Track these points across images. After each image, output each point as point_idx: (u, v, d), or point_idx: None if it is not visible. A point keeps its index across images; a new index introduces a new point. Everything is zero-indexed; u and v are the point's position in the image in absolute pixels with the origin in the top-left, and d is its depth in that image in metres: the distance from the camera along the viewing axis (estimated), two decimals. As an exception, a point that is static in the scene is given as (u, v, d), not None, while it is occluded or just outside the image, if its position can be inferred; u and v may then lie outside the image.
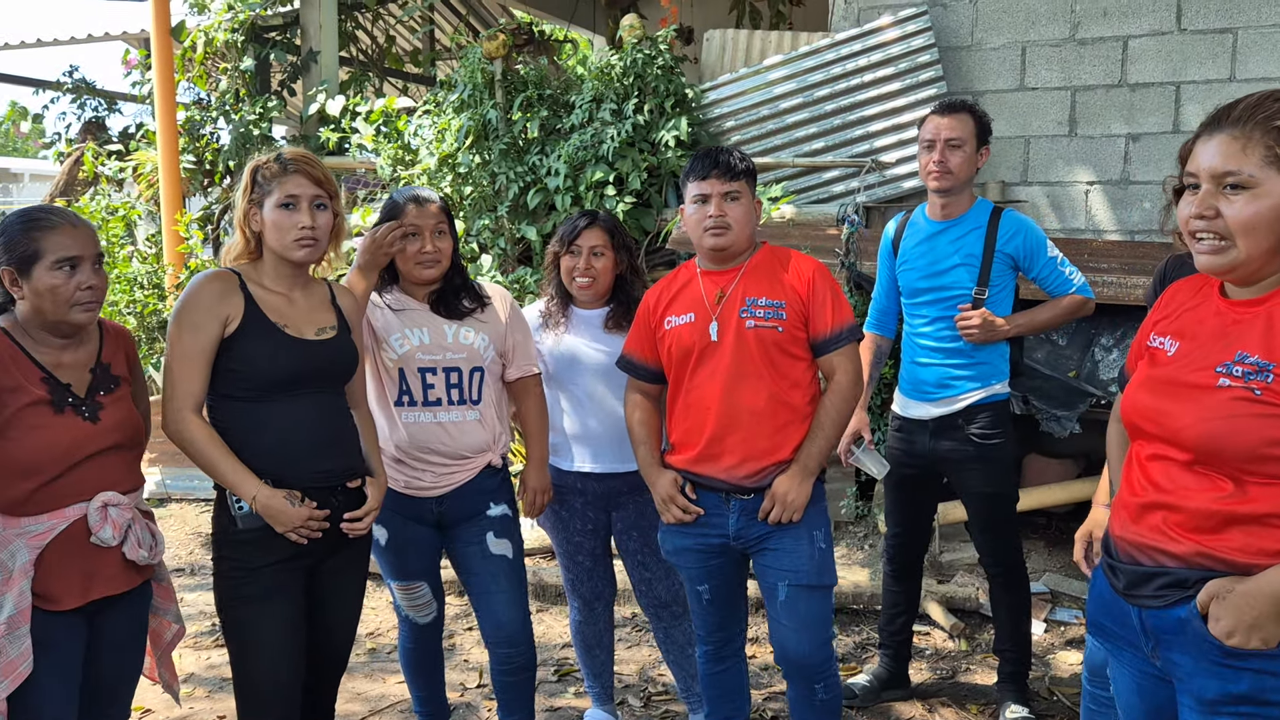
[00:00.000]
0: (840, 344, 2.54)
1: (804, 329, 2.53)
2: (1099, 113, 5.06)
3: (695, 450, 2.56)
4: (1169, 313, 1.74)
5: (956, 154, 3.03)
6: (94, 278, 2.08)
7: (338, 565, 2.41)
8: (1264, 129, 1.50)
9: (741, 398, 2.50)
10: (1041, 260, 3.09)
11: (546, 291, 3.02)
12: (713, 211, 2.52)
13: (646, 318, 2.69)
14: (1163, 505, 1.61)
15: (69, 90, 7.96)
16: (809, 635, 2.56)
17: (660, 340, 2.64)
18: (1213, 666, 1.55)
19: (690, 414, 2.57)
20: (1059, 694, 3.42)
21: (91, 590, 2.12)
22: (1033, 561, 4.55)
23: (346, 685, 3.55)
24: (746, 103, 5.65)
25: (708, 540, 2.60)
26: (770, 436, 2.50)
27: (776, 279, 2.55)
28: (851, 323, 2.57)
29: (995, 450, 3.09)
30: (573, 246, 2.90)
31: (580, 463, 2.94)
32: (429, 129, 5.98)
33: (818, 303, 2.53)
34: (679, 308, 2.61)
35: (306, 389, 2.29)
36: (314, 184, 2.29)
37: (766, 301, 2.52)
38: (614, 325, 2.92)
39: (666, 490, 2.59)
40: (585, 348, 2.91)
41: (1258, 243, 1.51)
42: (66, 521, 2.06)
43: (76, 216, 2.11)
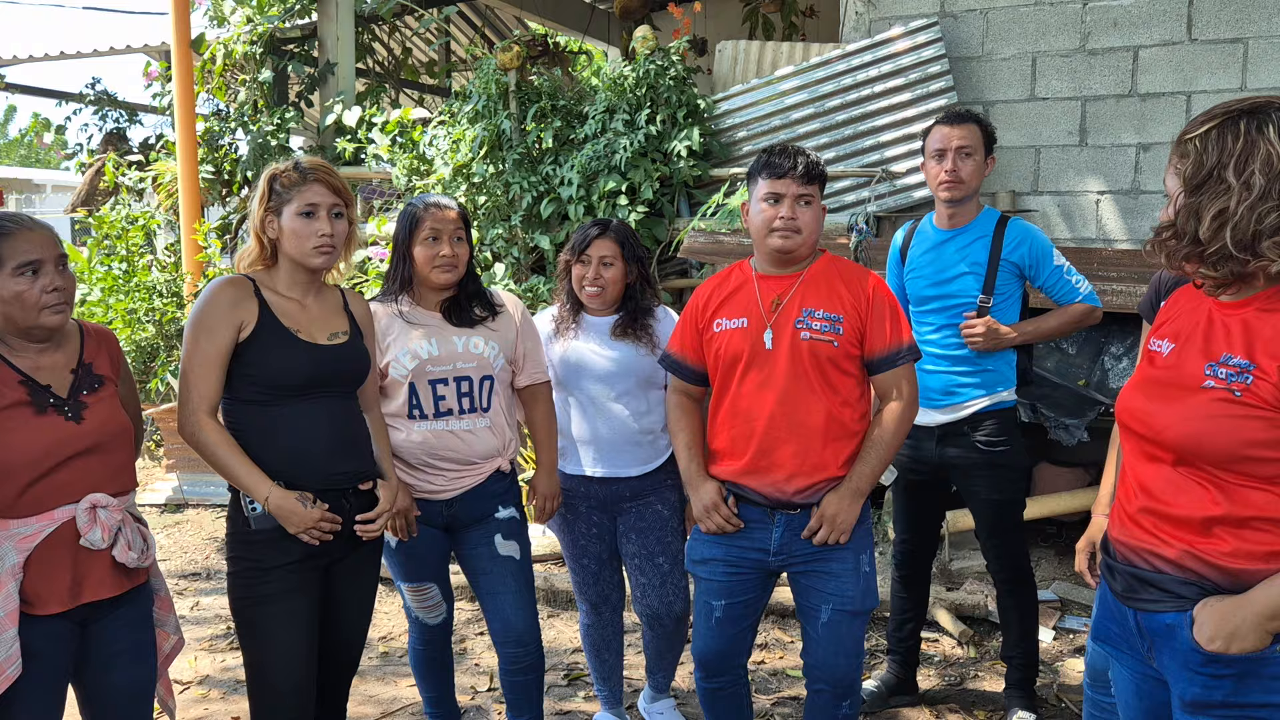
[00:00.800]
0: (898, 362, 2.47)
1: (859, 345, 2.46)
2: (1109, 122, 5.08)
3: (742, 461, 2.48)
4: (1171, 316, 1.77)
5: (968, 163, 3.06)
6: (59, 279, 2.06)
7: (350, 567, 2.45)
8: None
9: (792, 410, 2.43)
10: (1048, 268, 3.11)
11: (559, 298, 3.05)
12: (785, 213, 2.43)
13: (694, 317, 2.60)
14: (1152, 510, 1.64)
15: (91, 102, 8.09)
16: (846, 657, 2.53)
17: (708, 342, 2.56)
18: (1194, 674, 1.58)
19: (737, 423, 2.49)
20: (1067, 701, 3.43)
21: (81, 594, 2.09)
22: (1042, 569, 4.56)
23: (358, 688, 3.60)
24: (758, 113, 5.69)
25: (743, 554, 2.53)
26: (820, 452, 2.44)
27: (835, 291, 2.47)
28: (910, 342, 2.50)
29: (1002, 457, 3.11)
30: (583, 255, 2.93)
31: (585, 467, 2.97)
32: (444, 139, 6.05)
33: (876, 319, 2.46)
34: (731, 311, 2.53)
35: (319, 393, 2.33)
36: (333, 193, 2.34)
37: (824, 314, 2.44)
38: (621, 333, 2.94)
39: (711, 498, 2.52)
40: (592, 354, 2.94)
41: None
42: (55, 524, 2.05)
43: (32, 220, 2.10)
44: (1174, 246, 1.60)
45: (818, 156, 2.51)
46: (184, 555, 5.12)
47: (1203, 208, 1.55)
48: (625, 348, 2.92)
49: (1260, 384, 1.51)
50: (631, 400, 2.93)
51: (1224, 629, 1.53)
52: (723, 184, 5.53)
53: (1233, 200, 1.51)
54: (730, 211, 5.06)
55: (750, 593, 2.57)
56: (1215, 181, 1.54)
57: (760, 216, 2.48)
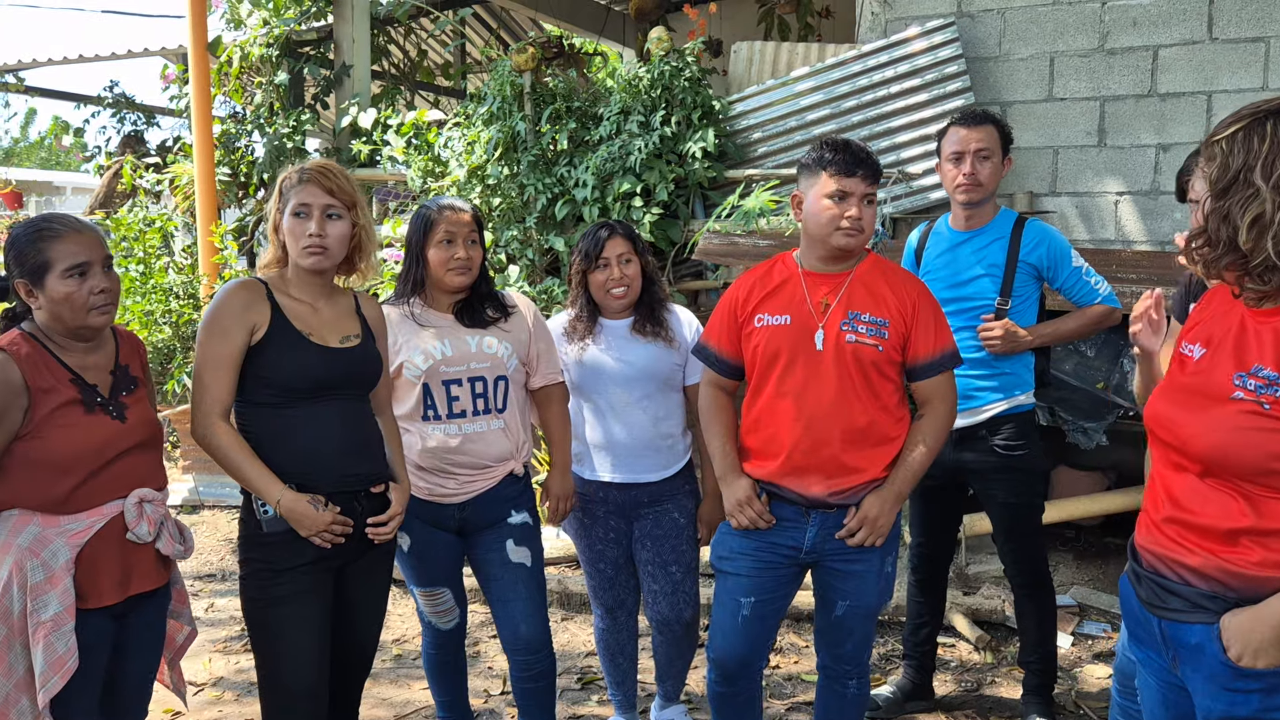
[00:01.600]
0: (940, 369, 2.46)
1: (900, 351, 2.44)
2: (1128, 123, 5.03)
3: (778, 462, 2.46)
4: (1204, 318, 1.73)
5: (986, 165, 3.03)
6: (105, 280, 2.12)
7: (362, 569, 2.45)
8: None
9: (832, 413, 2.40)
10: (1066, 270, 3.08)
11: (572, 305, 3.02)
12: (853, 213, 2.38)
13: (734, 309, 2.55)
14: (1177, 519, 1.61)
15: (109, 105, 8.13)
16: (854, 644, 2.59)
17: (747, 336, 2.51)
18: (1221, 688, 1.55)
19: (775, 422, 2.46)
20: (1085, 708, 3.39)
21: (129, 586, 2.17)
22: (1061, 574, 4.51)
23: (372, 691, 3.59)
24: (774, 114, 5.66)
25: (774, 550, 2.51)
26: (858, 456, 2.42)
27: (881, 295, 2.44)
28: (952, 349, 2.49)
29: (1020, 461, 3.08)
30: (600, 260, 2.90)
31: (603, 473, 2.95)
32: (459, 141, 6.05)
33: (921, 325, 2.44)
34: (774, 306, 2.49)
35: (331, 396, 2.33)
36: (326, 193, 2.32)
37: (870, 318, 2.41)
38: (641, 329, 2.92)
39: (745, 493, 2.49)
40: (611, 359, 2.92)
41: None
42: (104, 519, 2.12)
43: (80, 222, 2.16)
44: (1209, 255, 1.56)
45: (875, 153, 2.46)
46: (199, 557, 5.13)
47: (1232, 212, 1.51)
48: (646, 348, 2.90)
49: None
50: (651, 404, 2.91)
51: (1249, 643, 1.50)
52: (738, 185, 5.50)
53: (1267, 205, 1.48)
54: (746, 213, 5.03)
55: (779, 589, 2.56)
56: (1242, 185, 1.50)
57: (826, 214, 2.41)
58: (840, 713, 2.69)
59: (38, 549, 2.04)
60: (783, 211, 5.10)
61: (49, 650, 2.00)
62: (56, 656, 2.01)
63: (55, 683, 2.01)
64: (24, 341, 2.08)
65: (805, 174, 2.50)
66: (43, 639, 2.00)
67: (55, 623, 2.02)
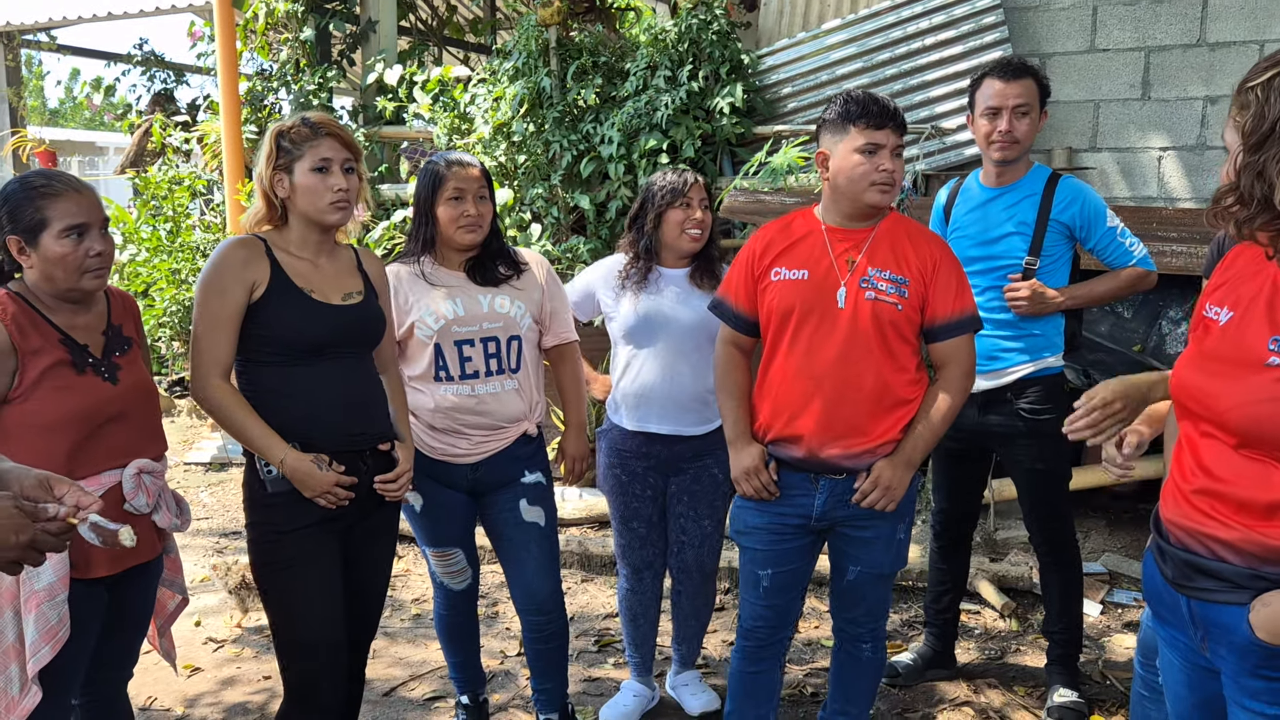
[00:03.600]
0: (959, 331, 2.38)
1: (919, 312, 2.37)
2: (1174, 74, 4.83)
3: (790, 421, 2.39)
4: (1227, 279, 1.61)
5: (1023, 121, 2.90)
6: (101, 243, 2.07)
7: (369, 529, 2.42)
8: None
9: (849, 373, 2.33)
10: (1100, 230, 2.95)
11: (628, 250, 2.95)
12: (887, 165, 2.31)
13: (751, 262, 2.48)
14: (1211, 490, 1.50)
15: (139, 63, 8.12)
16: (867, 608, 2.57)
17: (762, 291, 2.45)
18: (1255, 670, 1.46)
19: (787, 381, 2.40)
20: (1112, 678, 3.31)
21: (124, 559, 2.13)
22: (1092, 541, 4.41)
23: (389, 650, 3.60)
24: (804, 68, 5.52)
25: (785, 520, 2.47)
26: (870, 418, 2.36)
27: (902, 253, 2.37)
28: (973, 312, 2.41)
29: (1046, 425, 2.97)
30: (685, 199, 2.85)
31: (647, 423, 2.90)
32: (485, 98, 5.97)
33: (941, 284, 2.36)
34: (792, 261, 2.41)
35: (334, 354, 2.28)
36: (345, 147, 2.29)
37: (890, 276, 2.34)
38: (699, 281, 2.87)
39: (753, 462, 2.44)
40: (671, 308, 2.86)
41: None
42: (103, 489, 2.08)
43: (79, 182, 2.10)
44: (1241, 214, 1.45)
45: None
46: (226, 514, 5.17)
47: (1267, 168, 1.40)
48: (703, 299, 2.83)
49: None
50: (700, 358, 2.85)
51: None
52: (766, 142, 5.38)
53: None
54: (774, 170, 4.91)
55: (796, 561, 2.52)
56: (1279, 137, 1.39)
57: (859, 169, 2.32)
58: (855, 676, 2.66)
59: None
60: (812, 168, 4.97)
61: (41, 620, 1.98)
62: (49, 626, 1.99)
63: (45, 653, 1.98)
64: (10, 301, 2.03)
65: (830, 130, 2.40)
66: (35, 608, 1.98)
67: (49, 592, 1.99)
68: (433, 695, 3.31)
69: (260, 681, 3.39)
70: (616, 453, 2.95)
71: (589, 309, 3.03)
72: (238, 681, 3.41)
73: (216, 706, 3.24)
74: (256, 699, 3.28)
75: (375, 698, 3.26)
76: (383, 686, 3.35)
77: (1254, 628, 1.43)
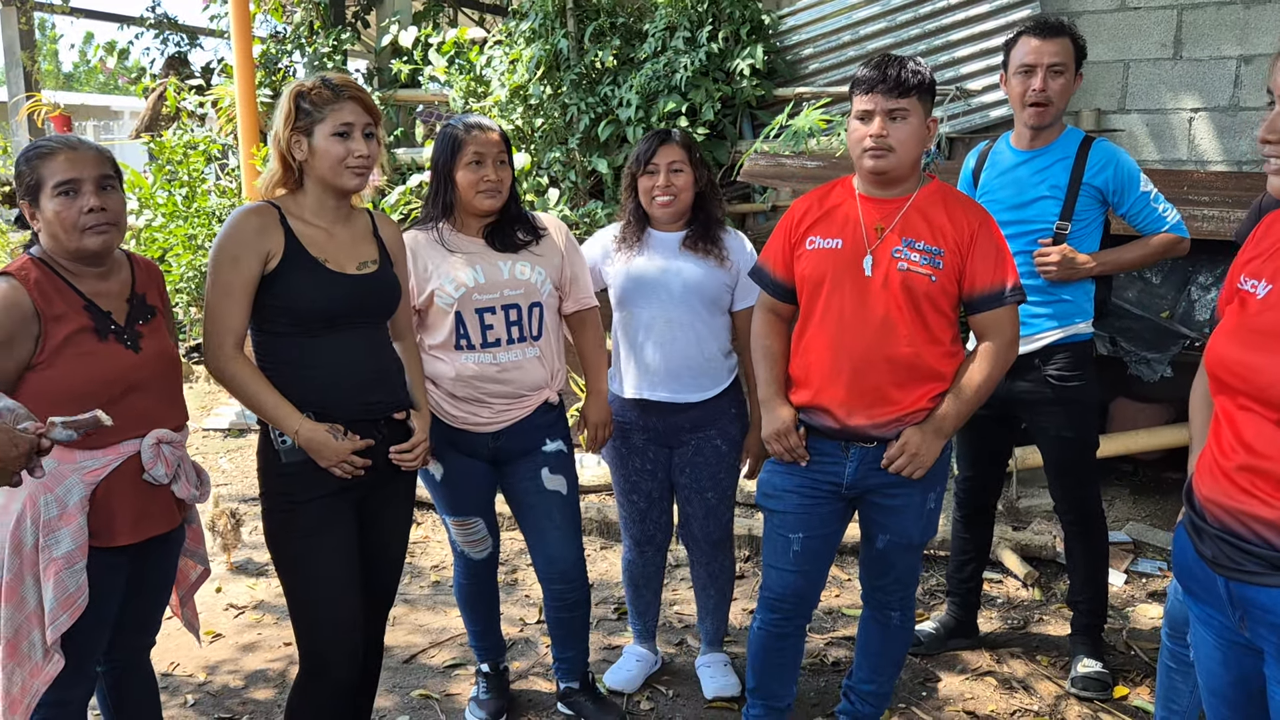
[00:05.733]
0: (1000, 303, 2.32)
1: (956, 284, 2.32)
2: (1208, 32, 4.70)
3: (819, 390, 2.37)
4: (1262, 250, 1.56)
5: (1058, 81, 2.83)
6: (98, 199, 2.01)
7: (385, 498, 2.39)
8: None
9: (879, 341, 2.30)
10: (1133, 195, 2.88)
11: (622, 215, 2.92)
12: (874, 130, 2.26)
13: (789, 230, 2.46)
14: (1255, 467, 1.45)
15: (152, 26, 8.05)
16: (896, 576, 2.55)
17: (798, 259, 2.42)
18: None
19: (818, 349, 2.37)
20: (1137, 649, 3.28)
21: (144, 528, 2.13)
22: (1116, 509, 4.36)
23: (409, 617, 3.61)
24: (826, 28, 5.43)
25: (817, 485, 2.44)
26: (900, 389, 2.32)
27: (940, 223, 2.32)
28: (1015, 282, 2.34)
29: (1074, 393, 2.93)
30: (650, 165, 2.79)
31: (642, 390, 2.86)
32: (501, 60, 5.89)
33: (979, 254, 2.30)
34: (827, 229, 2.39)
35: (349, 323, 2.25)
36: (366, 111, 2.24)
37: (925, 246, 2.30)
38: (692, 246, 2.81)
39: (785, 424, 2.42)
40: (659, 271, 2.81)
41: None
42: (121, 458, 2.07)
43: (79, 141, 2.06)
44: None
45: (920, 65, 2.29)
46: (245, 480, 5.18)
47: None
48: (696, 264, 2.79)
49: None
50: (698, 322, 2.81)
51: None
52: (787, 104, 5.29)
53: None
54: (795, 133, 4.84)
55: (828, 524, 2.49)
56: None
57: (854, 135, 2.33)
58: (883, 643, 2.64)
59: (52, 484, 1.99)
60: (834, 132, 4.89)
61: (59, 587, 1.98)
62: (67, 594, 1.99)
63: (64, 620, 1.98)
64: (34, 267, 2.01)
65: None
66: (54, 575, 1.97)
67: (67, 560, 1.99)
68: (453, 662, 3.31)
69: (281, 648, 3.40)
70: (617, 424, 2.92)
71: (596, 279, 2.99)
72: (258, 648, 3.42)
73: (237, 673, 3.25)
74: (276, 666, 3.29)
75: (395, 665, 3.27)
76: (403, 654, 3.35)
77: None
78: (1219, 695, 1.62)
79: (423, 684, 3.18)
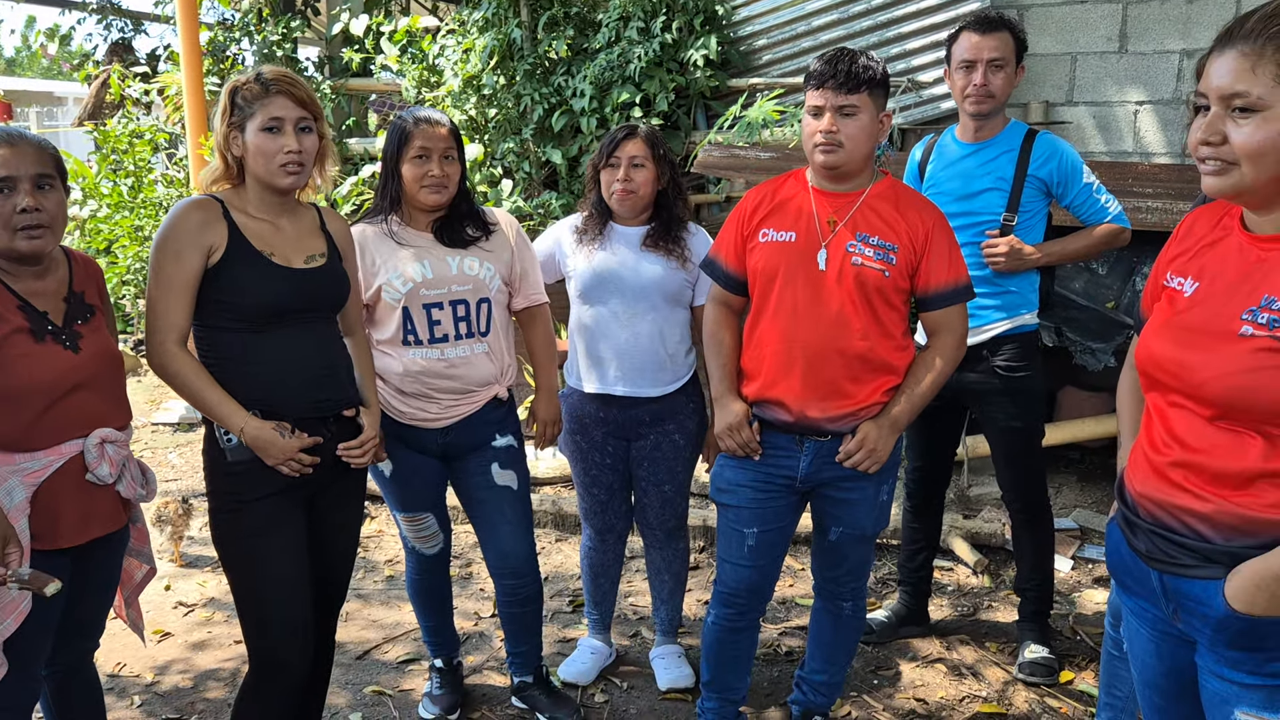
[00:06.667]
0: (954, 301, 2.37)
1: (909, 279, 2.35)
2: (1152, 27, 4.78)
3: (772, 383, 2.38)
4: (1187, 247, 1.58)
5: (999, 75, 2.87)
6: (33, 199, 1.95)
7: (335, 497, 2.37)
8: (1277, 45, 1.32)
9: (833, 335, 2.32)
10: (1077, 186, 2.93)
11: (585, 207, 2.91)
12: (823, 126, 2.28)
13: (741, 221, 2.47)
14: (1188, 463, 1.47)
15: (94, 10, 7.86)
16: (848, 568, 2.58)
17: (750, 251, 2.43)
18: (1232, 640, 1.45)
19: (771, 343, 2.38)
20: (1082, 634, 3.34)
21: (89, 529, 2.08)
22: (1064, 496, 4.44)
23: (361, 612, 3.58)
24: (779, 19, 5.43)
25: (770, 479, 2.46)
26: (855, 381, 2.34)
27: (894, 219, 2.34)
28: (966, 281, 2.39)
29: (1022, 383, 2.97)
30: (612, 158, 2.79)
31: (602, 385, 2.86)
32: (454, 49, 5.83)
33: (935, 253, 2.34)
34: (780, 222, 2.40)
35: (296, 319, 2.21)
36: (298, 105, 2.18)
37: (878, 241, 2.32)
38: (653, 244, 2.81)
39: (737, 418, 2.42)
40: (620, 266, 2.80)
41: (1266, 169, 1.36)
42: (63, 459, 2.02)
43: (20, 135, 2.00)
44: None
45: (871, 60, 2.30)
46: (195, 474, 5.10)
47: None
48: (656, 261, 2.79)
49: None
50: (658, 317, 2.81)
51: (1260, 593, 1.38)
52: (741, 95, 5.30)
53: None
54: (749, 124, 4.84)
55: (781, 518, 2.50)
56: None
57: (806, 130, 2.34)
58: (835, 634, 2.67)
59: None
60: (787, 123, 4.91)
61: (1, 592, 1.93)
62: (10, 599, 1.94)
63: (8, 625, 1.94)
64: None
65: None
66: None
67: None
68: (407, 658, 3.29)
69: (232, 646, 3.36)
70: (576, 419, 2.92)
71: (552, 270, 2.97)
72: (209, 646, 3.38)
73: (187, 673, 3.21)
74: (228, 665, 3.25)
75: (348, 661, 3.25)
76: (356, 650, 3.33)
77: (1228, 599, 1.42)
78: (1153, 686, 1.65)
79: (376, 680, 3.16)
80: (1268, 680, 1.42)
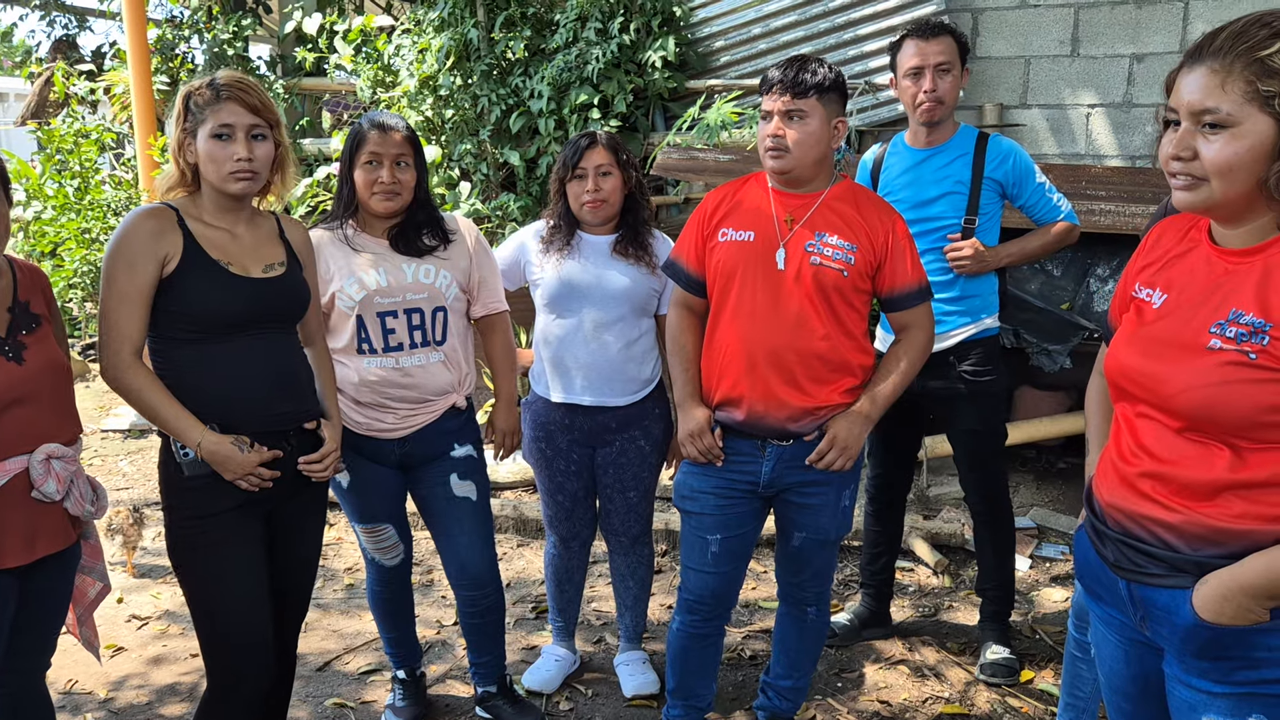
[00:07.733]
0: (921, 300, 2.42)
1: (868, 280, 2.37)
2: (1103, 31, 4.86)
3: (733, 384, 2.38)
4: (1155, 258, 1.59)
5: (946, 79, 2.90)
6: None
7: (297, 509, 2.32)
8: (1245, 61, 1.33)
9: (793, 335, 2.32)
10: (1030, 186, 2.97)
11: (550, 216, 2.88)
12: (771, 130, 2.32)
13: (701, 222, 2.48)
14: (1157, 474, 1.48)
15: (38, 6, 7.67)
16: (812, 572, 2.58)
17: (710, 251, 2.44)
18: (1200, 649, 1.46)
19: (730, 343, 2.38)
20: (1042, 633, 3.38)
21: (36, 548, 2.01)
22: (1021, 495, 4.50)
23: (322, 622, 3.53)
24: (738, 20, 5.44)
25: (733, 485, 2.45)
26: (816, 382, 2.34)
27: (853, 220, 2.36)
28: (926, 282, 2.44)
29: (986, 386, 3.00)
30: (578, 170, 2.76)
31: (570, 394, 2.84)
32: (409, 49, 5.77)
33: (897, 255, 2.37)
34: (739, 221, 2.41)
35: (255, 329, 2.16)
36: (250, 112, 2.13)
37: (838, 241, 2.33)
38: (623, 251, 2.79)
39: (699, 425, 2.43)
40: (589, 277, 2.78)
41: (1234, 185, 1.37)
42: (7, 475, 1.94)
43: None
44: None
45: (824, 66, 2.33)
46: (148, 483, 5.00)
47: None
48: (626, 269, 2.77)
49: (1278, 345, 1.35)
50: (625, 326, 2.80)
51: (1227, 604, 1.40)
52: (699, 96, 5.30)
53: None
54: (707, 126, 4.85)
55: (745, 524, 2.50)
56: None
57: (759, 134, 2.39)
58: (799, 639, 2.68)
59: None
60: (746, 124, 4.91)
61: None
62: None
63: None
64: None
65: None
66: None
67: None
68: (368, 668, 3.25)
69: (189, 660, 3.29)
70: (541, 426, 2.90)
71: (515, 277, 2.94)
72: (165, 661, 3.31)
73: (144, 689, 3.14)
74: (186, 680, 3.19)
75: (309, 673, 3.19)
76: (316, 661, 3.28)
77: (1196, 608, 1.44)
78: (1120, 691, 1.67)
79: (337, 692, 3.11)
80: (1234, 689, 1.44)
